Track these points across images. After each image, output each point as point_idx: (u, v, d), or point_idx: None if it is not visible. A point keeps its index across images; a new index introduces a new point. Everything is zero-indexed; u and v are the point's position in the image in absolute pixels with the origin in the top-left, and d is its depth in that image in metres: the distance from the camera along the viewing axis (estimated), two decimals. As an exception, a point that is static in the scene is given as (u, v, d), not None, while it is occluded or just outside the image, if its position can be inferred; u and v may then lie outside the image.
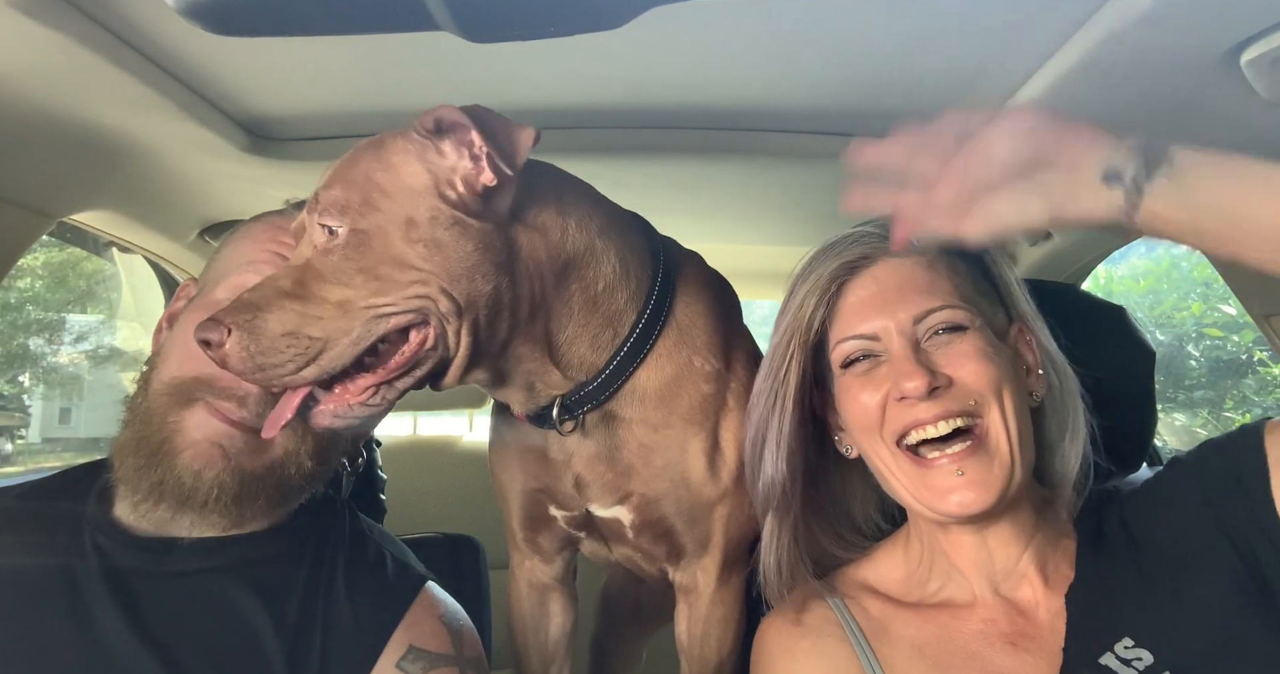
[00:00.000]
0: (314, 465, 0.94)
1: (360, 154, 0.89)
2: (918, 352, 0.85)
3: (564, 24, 0.70)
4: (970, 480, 0.82)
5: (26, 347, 4.14)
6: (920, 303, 0.86)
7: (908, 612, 0.90)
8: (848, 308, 0.90)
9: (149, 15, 0.91)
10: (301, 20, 0.72)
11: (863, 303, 0.89)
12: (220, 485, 0.88)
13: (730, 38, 0.99)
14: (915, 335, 0.86)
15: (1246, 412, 4.18)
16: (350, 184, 0.86)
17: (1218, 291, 4.02)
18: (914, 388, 0.82)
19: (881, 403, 0.86)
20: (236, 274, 0.95)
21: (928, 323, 0.86)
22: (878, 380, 0.87)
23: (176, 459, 0.88)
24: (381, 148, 0.88)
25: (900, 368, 0.84)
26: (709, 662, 1.14)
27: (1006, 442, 0.83)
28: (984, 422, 0.83)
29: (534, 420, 1.03)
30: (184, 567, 0.90)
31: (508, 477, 1.14)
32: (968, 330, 0.86)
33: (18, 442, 4.20)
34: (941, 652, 0.86)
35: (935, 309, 0.86)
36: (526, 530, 1.17)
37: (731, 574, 1.12)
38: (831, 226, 0.96)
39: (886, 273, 0.89)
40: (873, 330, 0.88)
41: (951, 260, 0.91)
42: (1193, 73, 0.94)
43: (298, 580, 0.93)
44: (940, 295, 0.87)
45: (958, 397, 0.83)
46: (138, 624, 0.85)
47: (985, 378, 0.84)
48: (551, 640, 1.23)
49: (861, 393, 0.88)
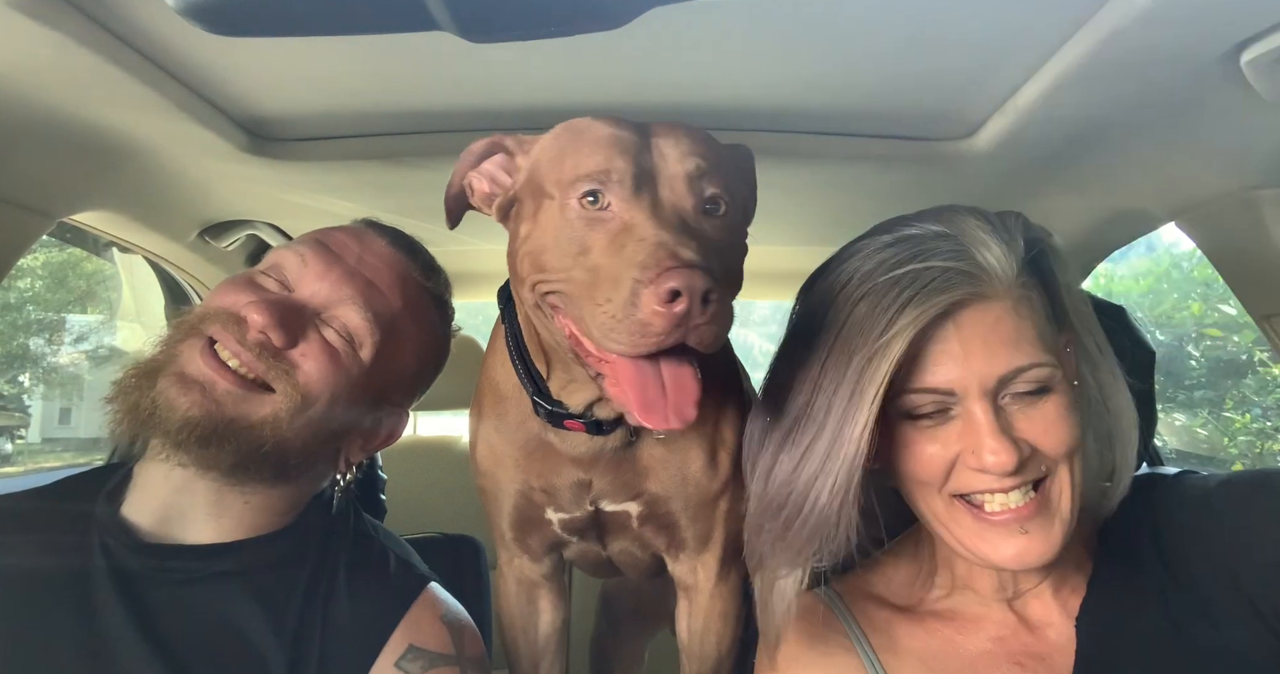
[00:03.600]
0: (297, 444, 0.92)
1: (718, 146, 0.92)
2: (999, 416, 0.77)
3: (564, 24, 0.70)
4: (1033, 539, 0.78)
5: (26, 346, 4.15)
6: (1007, 360, 0.77)
7: (912, 621, 0.89)
8: (925, 356, 0.80)
9: (149, 15, 0.91)
10: (301, 20, 0.72)
11: (943, 355, 0.79)
12: (188, 421, 0.87)
13: (730, 38, 0.99)
14: (996, 394, 0.78)
15: (1246, 411, 4.18)
16: (722, 167, 0.89)
17: (1218, 291, 4.02)
18: (999, 464, 0.76)
19: (950, 462, 0.80)
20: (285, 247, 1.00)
21: (1014, 385, 0.78)
22: (947, 438, 0.80)
23: (160, 389, 0.88)
24: (739, 151, 1.00)
25: (986, 441, 0.76)
26: (709, 657, 1.15)
27: (1070, 500, 0.79)
28: (1053, 481, 0.79)
29: (591, 427, 1.02)
30: (189, 571, 0.90)
31: (503, 476, 1.13)
32: (1051, 391, 0.79)
33: (18, 442, 4.20)
34: (947, 667, 0.84)
35: (1023, 369, 0.77)
36: (516, 531, 1.16)
37: (731, 570, 1.14)
38: (831, 227, 0.97)
39: (972, 321, 0.79)
40: (950, 386, 0.79)
41: (1031, 292, 0.82)
42: (1193, 73, 0.94)
43: (300, 582, 0.93)
44: (1026, 351, 0.78)
45: (1035, 465, 0.78)
46: (141, 627, 0.85)
47: (1066, 444, 0.78)
48: (542, 637, 1.22)
49: (928, 447, 0.81)
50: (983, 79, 1.08)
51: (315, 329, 0.94)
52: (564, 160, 0.87)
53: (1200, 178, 1.23)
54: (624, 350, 0.77)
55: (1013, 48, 0.98)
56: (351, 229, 1.05)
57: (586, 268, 0.81)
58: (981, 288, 0.79)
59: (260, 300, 0.91)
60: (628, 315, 0.75)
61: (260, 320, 0.89)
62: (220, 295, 0.95)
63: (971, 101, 1.17)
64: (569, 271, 0.83)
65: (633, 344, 0.76)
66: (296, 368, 0.91)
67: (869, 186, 1.51)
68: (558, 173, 0.87)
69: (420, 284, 1.05)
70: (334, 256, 0.99)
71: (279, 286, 0.97)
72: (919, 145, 1.31)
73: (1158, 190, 1.32)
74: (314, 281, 0.96)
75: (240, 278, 0.98)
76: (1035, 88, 1.05)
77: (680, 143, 0.86)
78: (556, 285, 0.85)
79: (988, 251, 0.80)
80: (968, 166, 1.32)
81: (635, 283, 0.74)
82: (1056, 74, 0.99)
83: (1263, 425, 4.28)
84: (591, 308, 0.79)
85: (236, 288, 0.96)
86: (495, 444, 1.13)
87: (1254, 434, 4.27)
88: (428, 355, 1.08)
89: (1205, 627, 0.76)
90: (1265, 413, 4.21)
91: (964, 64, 1.04)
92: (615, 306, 0.76)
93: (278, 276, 0.98)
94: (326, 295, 0.96)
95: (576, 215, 0.84)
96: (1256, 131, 1.06)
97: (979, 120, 1.23)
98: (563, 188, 0.85)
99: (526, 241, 0.89)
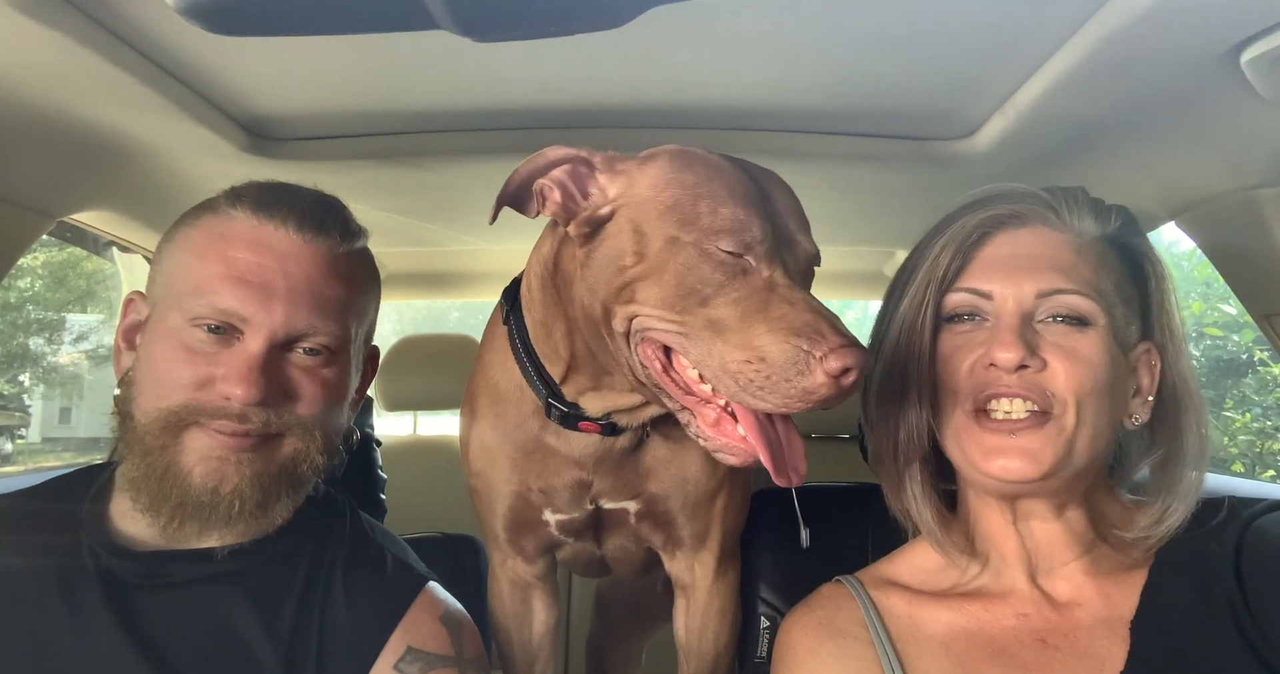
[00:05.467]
0: (324, 459, 0.94)
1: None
2: (1025, 326, 0.81)
3: (564, 24, 0.70)
4: (1020, 446, 0.80)
5: (26, 346, 4.15)
6: (1051, 279, 0.81)
7: (937, 604, 0.89)
8: (978, 261, 0.86)
9: (149, 15, 0.91)
10: (301, 20, 0.72)
11: (994, 260, 0.85)
12: (240, 496, 0.87)
13: (730, 38, 0.99)
14: (1032, 310, 0.82)
15: (1246, 411, 4.18)
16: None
17: (1218, 291, 4.02)
18: (1006, 359, 0.79)
19: (970, 368, 0.83)
20: (199, 294, 0.87)
21: (1051, 304, 0.81)
22: (974, 344, 0.84)
23: (188, 481, 0.86)
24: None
25: (1000, 336, 0.81)
26: (706, 655, 1.15)
27: (1070, 437, 0.80)
28: (1057, 419, 0.80)
29: (606, 429, 1.02)
30: (179, 576, 0.89)
31: (498, 476, 1.12)
32: (1088, 327, 0.81)
33: (18, 441, 4.20)
34: (969, 647, 0.85)
35: (1064, 291, 0.81)
36: (510, 533, 1.16)
37: (728, 568, 1.14)
38: (831, 227, 0.97)
39: (1030, 238, 0.85)
40: (990, 290, 0.83)
41: (1106, 253, 0.86)
42: (1193, 72, 0.94)
43: (295, 584, 0.93)
44: (1076, 280, 0.81)
45: (1042, 386, 0.80)
46: (130, 631, 0.84)
47: (1078, 381, 0.79)
48: (536, 637, 1.22)
49: (960, 350, 0.85)
50: (983, 79, 1.08)
51: (290, 364, 0.90)
52: (697, 202, 0.84)
53: (1200, 178, 1.23)
54: (768, 408, 0.79)
55: (1013, 48, 0.98)
56: (252, 240, 0.90)
57: (716, 318, 0.81)
58: (1050, 216, 0.85)
59: (231, 373, 0.86)
60: (786, 379, 0.77)
61: (243, 394, 0.85)
62: (174, 369, 0.86)
63: (971, 101, 1.17)
64: (692, 314, 0.82)
65: (785, 405, 0.78)
66: (294, 406, 0.90)
67: (869, 186, 1.51)
68: (685, 212, 0.84)
69: (348, 254, 0.96)
70: (261, 286, 0.88)
71: (219, 338, 0.88)
72: (919, 145, 1.31)
73: (1158, 190, 1.32)
74: (259, 321, 0.87)
75: (175, 345, 0.87)
76: (1035, 88, 1.05)
77: (790, 199, 0.91)
78: (670, 325, 0.84)
79: (1072, 201, 0.86)
80: (968, 166, 1.32)
81: (803, 352, 0.77)
82: (1056, 74, 0.99)
83: (1263, 425, 4.28)
84: (731, 360, 0.80)
85: (189, 358, 0.87)
86: (490, 444, 1.12)
87: (1254, 434, 4.27)
88: (377, 295, 1.04)
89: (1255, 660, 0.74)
90: (1265, 412, 4.21)
91: (964, 64, 1.04)
92: (772, 368, 0.78)
93: (210, 323, 0.88)
94: (283, 328, 0.88)
95: (714, 263, 0.82)
96: (1256, 131, 1.06)
97: (979, 120, 1.23)
98: (699, 232, 0.83)
99: (627, 271, 0.86)
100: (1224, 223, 1.27)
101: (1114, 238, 0.87)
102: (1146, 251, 0.89)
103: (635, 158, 0.92)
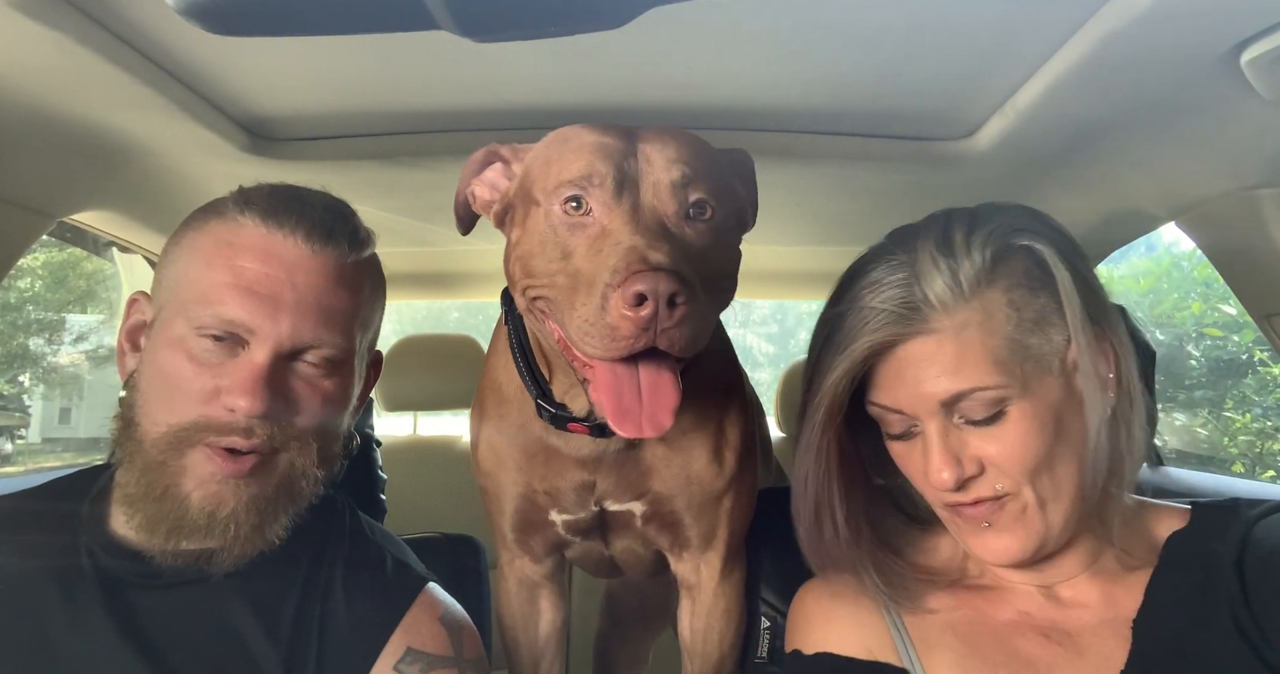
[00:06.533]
0: (322, 472, 0.93)
1: (709, 150, 0.93)
2: (947, 438, 0.81)
3: (564, 24, 0.70)
4: (1005, 536, 0.82)
5: (26, 346, 4.15)
6: (946, 385, 0.80)
7: (943, 591, 0.91)
8: (881, 378, 0.85)
9: (149, 15, 0.91)
10: (301, 20, 0.72)
11: (892, 383, 0.84)
12: (235, 520, 0.86)
13: (730, 38, 0.99)
14: (946, 417, 0.82)
15: (1246, 411, 4.18)
16: (712, 172, 0.89)
17: (1218, 291, 4.01)
18: (940, 481, 0.81)
19: (924, 477, 0.85)
20: (205, 303, 0.86)
21: (959, 409, 0.81)
22: (916, 455, 0.85)
23: (186, 504, 0.86)
24: (735, 155, 1.00)
25: (930, 460, 0.82)
26: (711, 656, 1.15)
27: (1041, 513, 0.81)
28: (1014, 500, 0.81)
29: (594, 430, 1.02)
30: (177, 577, 0.89)
31: (505, 477, 1.13)
32: (1002, 413, 0.80)
33: (18, 442, 4.20)
34: (974, 631, 0.86)
35: (965, 394, 0.79)
36: (518, 532, 1.16)
37: (734, 568, 1.14)
38: (831, 227, 0.97)
39: (910, 352, 0.82)
40: (899, 406, 0.84)
41: (991, 306, 0.80)
42: (1193, 72, 0.94)
43: (294, 584, 0.93)
44: (969, 374, 0.79)
45: (988, 483, 0.81)
46: (129, 632, 0.84)
47: (1023, 464, 0.80)
48: (542, 637, 1.23)
49: (907, 462, 0.88)
50: (983, 79, 1.08)
51: (294, 375, 0.90)
52: (550, 166, 0.88)
53: (1200, 178, 1.23)
54: (597, 354, 0.78)
55: (1013, 48, 0.98)
56: (261, 249, 0.89)
57: (568, 272, 0.83)
58: (912, 326, 0.81)
59: (235, 385, 0.85)
60: (599, 319, 0.76)
61: (248, 406, 0.84)
62: (181, 381, 0.86)
63: (971, 101, 1.17)
64: (553, 276, 0.85)
65: (605, 348, 0.77)
66: (295, 417, 0.89)
67: (869, 186, 1.51)
68: (544, 179, 0.88)
69: (356, 263, 0.95)
70: (268, 297, 0.87)
71: (224, 347, 0.87)
72: (919, 145, 1.31)
73: (1158, 190, 1.32)
74: (265, 332, 0.87)
75: (180, 354, 0.87)
76: (1035, 88, 1.05)
77: (666, 148, 0.87)
78: (542, 290, 0.87)
79: (930, 285, 0.81)
80: (968, 166, 1.32)
81: (606, 287, 0.76)
82: (1056, 74, 0.99)
83: (1263, 425, 4.27)
84: (570, 312, 0.80)
85: (195, 370, 0.86)
86: (497, 445, 1.13)
87: (1254, 434, 4.27)
88: (383, 302, 1.03)
89: (1257, 658, 0.75)
90: (1265, 413, 4.21)
91: (964, 64, 1.04)
92: (589, 311, 0.77)
93: (215, 333, 0.87)
94: (289, 340, 0.88)
95: (560, 220, 0.85)
96: (1256, 131, 1.06)
97: (979, 120, 1.23)
98: (548, 193, 0.87)
99: (517, 247, 0.91)
100: (1224, 223, 1.27)
101: (991, 267, 0.81)
102: (1031, 243, 0.83)
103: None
